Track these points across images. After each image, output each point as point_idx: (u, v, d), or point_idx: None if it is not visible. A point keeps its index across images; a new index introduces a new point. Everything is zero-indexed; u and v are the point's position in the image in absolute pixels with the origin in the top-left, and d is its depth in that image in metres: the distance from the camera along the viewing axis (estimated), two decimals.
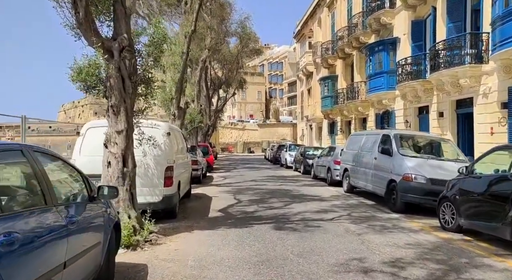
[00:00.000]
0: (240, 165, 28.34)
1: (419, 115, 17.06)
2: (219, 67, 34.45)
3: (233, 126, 72.19)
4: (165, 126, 8.12)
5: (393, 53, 18.76)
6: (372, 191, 10.82)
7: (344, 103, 25.40)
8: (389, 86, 18.78)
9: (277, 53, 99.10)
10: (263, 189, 13.70)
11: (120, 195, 6.21)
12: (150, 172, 7.68)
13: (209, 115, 29.38)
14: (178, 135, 9.80)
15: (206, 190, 13.40)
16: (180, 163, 9.16)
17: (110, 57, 6.20)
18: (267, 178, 18.30)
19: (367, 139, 11.93)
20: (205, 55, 19.77)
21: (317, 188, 14.30)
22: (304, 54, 36.42)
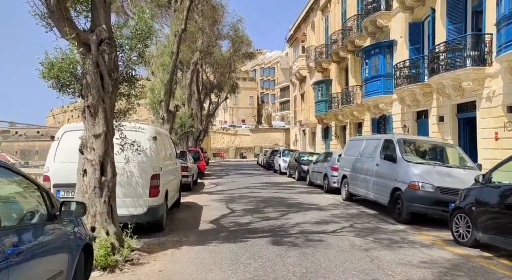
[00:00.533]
0: (232, 171, 27.59)
1: (417, 120, 16.53)
2: (211, 71, 33.80)
3: (225, 131, 71.47)
4: (151, 130, 7.38)
5: (390, 56, 18.26)
6: (374, 200, 10.16)
7: (338, 107, 24.85)
8: (386, 90, 18.27)
9: (269, 58, 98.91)
10: (257, 197, 12.98)
11: (97, 208, 5.48)
12: (133, 180, 6.92)
13: (200, 119, 28.64)
14: (166, 140, 9.06)
15: (197, 199, 12.64)
16: (168, 170, 8.41)
17: (87, 51, 5.46)
18: (261, 184, 17.58)
19: (367, 145, 11.31)
20: (197, 57, 19.09)
21: (313, 196, 13.61)
22: (297, 58, 35.94)
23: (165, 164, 8.12)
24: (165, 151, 8.56)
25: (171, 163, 9.07)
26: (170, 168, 8.87)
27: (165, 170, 7.92)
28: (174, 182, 9.37)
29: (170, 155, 9.26)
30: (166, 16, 21.27)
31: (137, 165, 6.92)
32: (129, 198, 6.83)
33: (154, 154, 7.18)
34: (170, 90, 12.48)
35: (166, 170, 8.09)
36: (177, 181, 10.06)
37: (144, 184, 6.96)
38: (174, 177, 9.50)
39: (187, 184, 14.61)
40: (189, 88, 19.44)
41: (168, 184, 8.34)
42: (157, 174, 7.15)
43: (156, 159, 7.24)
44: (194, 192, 14.64)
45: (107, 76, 5.58)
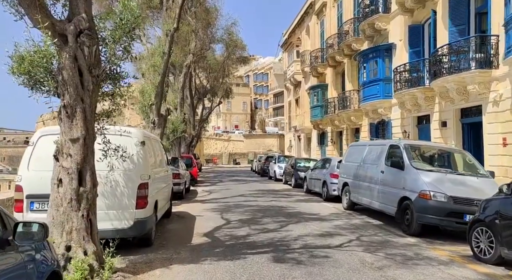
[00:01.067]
0: (226, 178, 26.84)
1: (418, 125, 15.99)
2: (204, 76, 33.17)
3: (218, 137, 70.67)
4: (138, 134, 6.67)
5: (389, 59, 17.78)
6: (379, 209, 9.52)
7: (335, 112, 24.32)
8: (385, 94, 17.75)
9: (262, 64, 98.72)
10: (253, 206, 12.28)
11: (73, 224, 4.76)
12: (118, 190, 6.20)
13: (193, 124, 27.92)
14: (156, 145, 8.35)
15: (190, 208, 11.90)
16: (158, 178, 7.70)
17: (63, 43, 4.77)
18: (256, 192, 16.88)
19: (370, 150, 10.69)
20: (190, 60, 18.43)
21: (312, 205, 12.95)
22: (292, 63, 35.45)
23: (155, 172, 7.42)
24: (155, 157, 7.85)
25: (161, 171, 8.36)
26: (160, 175, 8.17)
27: (154, 178, 7.21)
28: (164, 191, 8.65)
29: (160, 162, 8.55)
30: (159, 19, 20.67)
31: (122, 173, 6.21)
32: (113, 210, 6.11)
33: (141, 161, 6.47)
34: (161, 93, 11.79)
35: (155, 178, 7.39)
36: (168, 189, 9.34)
37: (130, 195, 6.24)
38: (165, 186, 8.79)
39: (179, 192, 13.89)
40: (182, 92, 18.75)
41: (158, 193, 7.63)
42: (145, 183, 6.43)
43: (144, 166, 6.53)
44: (186, 200, 13.90)
45: (86, 72, 4.89)
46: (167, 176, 9.24)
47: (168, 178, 9.58)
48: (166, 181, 9.09)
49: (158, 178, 7.76)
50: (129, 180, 6.26)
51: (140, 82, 13.12)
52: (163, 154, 9.25)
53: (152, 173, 7.02)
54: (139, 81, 12.75)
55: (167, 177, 9.24)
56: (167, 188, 9.24)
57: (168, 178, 9.45)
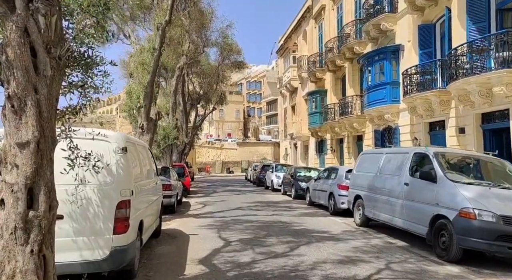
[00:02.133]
0: (220, 188, 25.38)
1: (430, 132, 14.82)
2: (197, 81, 31.88)
3: (210, 145, 69.18)
4: (119, 138, 5.30)
5: (396, 62, 16.68)
6: (403, 227, 8.21)
7: (335, 119, 23.14)
8: (393, 99, 16.61)
9: (256, 72, 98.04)
10: (253, 222, 10.90)
11: (17, 264, 3.36)
12: (91, 211, 4.81)
13: (185, 131, 26.52)
14: (143, 153, 6.96)
15: (182, 224, 10.49)
16: (144, 193, 6.32)
17: (9, 10, 3.42)
18: (254, 204, 15.49)
19: (388, 159, 9.42)
20: (183, 62, 17.14)
21: (319, 220, 11.61)
22: (288, 69, 34.34)
23: (140, 185, 6.03)
24: (141, 167, 6.47)
25: (149, 183, 6.97)
26: (148, 189, 6.78)
27: (139, 192, 5.83)
28: (152, 207, 7.25)
29: (148, 172, 7.16)
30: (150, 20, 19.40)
31: (96, 189, 4.84)
32: (83, 236, 4.72)
33: (122, 172, 5.09)
34: (151, 94, 10.43)
35: (141, 193, 6.01)
36: (157, 205, 7.93)
37: (106, 216, 4.86)
38: (153, 201, 7.39)
39: (170, 205, 12.46)
40: (174, 96, 17.41)
41: (144, 211, 6.24)
42: (126, 200, 5.05)
43: (126, 178, 5.15)
44: (178, 214, 12.46)
45: (42, 51, 3.52)
46: (156, 188, 7.85)
47: (158, 191, 8.18)
48: (155, 195, 7.69)
49: (144, 192, 6.37)
50: (105, 197, 4.88)
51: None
52: (152, 163, 7.87)
53: (136, 187, 5.64)
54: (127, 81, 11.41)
55: (156, 190, 7.84)
56: (156, 203, 7.83)
57: (157, 191, 8.05)
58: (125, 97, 11.24)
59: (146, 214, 6.48)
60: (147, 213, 6.55)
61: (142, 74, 10.81)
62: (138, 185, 5.80)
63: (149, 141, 10.81)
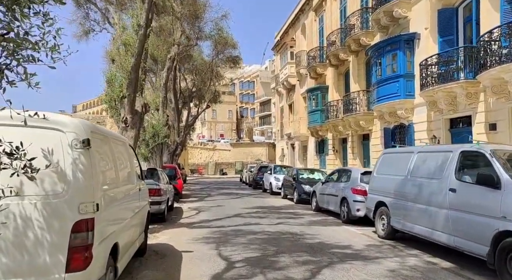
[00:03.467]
0: (214, 191, 23.66)
1: (452, 129, 13.30)
2: (190, 78, 30.12)
3: (202, 146, 67.34)
4: (78, 127, 3.59)
5: (411, 52, 15.16)
6: (449, 244, 6.60)
7: (338, 117, 21.59)
8: (407, 93, 15.08)
9: (249, 72, 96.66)
10: (258, 233, 9.23)
11: None
12: (30, 237, 3.12)
13: (177, 130, 24.75)
14: (120, 151, 5.25)
15: (173, 237, 8.78)
16: (121, 204, 4.64)
17: None
18: (255, 210, 13.83)
19: (423, 159, 7.82)
20: (174, 52, 15.45)
21: (334, 230, 9.98)
22: (286, 65, 32.73)
23: (114, 194, 4.35)
24: (117, 169, 4.76)
25: (128, 190, 5.27)
26: (126, 197, 5.09)
27: (112, 205, 4.14)
28: (134, 221, 5.55)
29: (128, 176, 5.46)
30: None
31: (40, 203, 3.15)
32: (17, 279, 3.01)
33: (82, 177, 3.40)
34: (135, 81, 8.72)
35: (115, 205, 4.32)
36: (140, 217, 6.22)
37: (55, 244, 3.18)
38: (136, 212, 5.70)
39: (159, 213, 10.75)
40: (165, 90, 15.69)
41: (121, 230, 4.55)
42: (87, 219, 3.37)
43: (87, 186, 3.46)
44: (169, 224, 10.75)
45: None
46: (139, 196, 6.14)
47: (142, 199, 6.47)
48: (138, 204, 6.00)
49: (121, 202, 4.69)
50: (54, 216, 3.20)
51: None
52: (134, 164, 6.15)
53: (107, 197, 3.95)
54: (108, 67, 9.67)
55: (139, 198, 6.14)
56: (140, 215, 6.13)
57: (141, 199, 6.34)
58: (106, 86, 9.54)
59: (124, 232, 4.79)
60: (125, 230, 4.86)
61: (124, 57, 9.11)
62: (109, 194, 4.11)
63: (134, 138, 9.11)
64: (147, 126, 14.91)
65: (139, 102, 9.41)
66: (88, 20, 18.42)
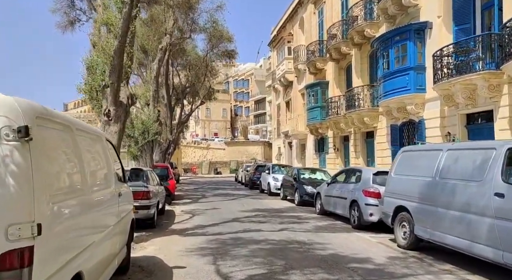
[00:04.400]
0: (209, 191, 22.45)
1: (468, 125, 12.25)
2: (183, 74, 28.85)
3: (196, 144, 66.04)
4: (11, 108, 2.38)
5: (421, 43, 14.09)
6: (496, 261, 5.49)
7: (340, 114, 20.51)
8: (417, 86, 14.01)
9: (243, 70, 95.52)
10: (261, 242, 8.07)
11: None
12: None
13: (170, 128, 23.49)
14: (89, 145, 4.03)
15: (163, 247, 7.60)
16: (84, 218, 3.43)
17: None
18: (254, 213, 12.67)
19: (454, 158, 6.71)
20: (166, 42, 14.23)
21: (346, 238, 8.85)
22: (283, 61, 31.56)
23: (73, 205, 3.14)
24: (81, 170, 3.53)
25: (100, 197, 4.07)
26: (94, 206, 3.89)
27: (69, 220, 2.95)
28: (110, 236, 4.34)
29: (102, 179, 4.27)
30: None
31: None
32: None
33: (15, 184, 2.21)
34: (119, 67, 7.49)
35: (75, 220, 3.12)
36: (119, 230, 5.00)
37: None
38: (113, 224, 4.50)
39: (148, 218, 9.54)
40: (156, 83, 14.46)
41: (88, 253, 3.35)
42: (21, 249, 2.17)
43: (21, 198, 2.26)
44: (159, 231, 9.54)
45: None
46: (119, 202, 4.94)
47: (123, 206, 5.27)
48: (117, 213, 4.80)
49: (87, 215, 3.48)
50: None
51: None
52: (112, 164, 4.94)
53: (60, 211, 2.75)
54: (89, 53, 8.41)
55: (119, 204, 4.94)
56: (120, 227, 4.94)
57: (121, 207, 5.14)
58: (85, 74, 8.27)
59: (95, 253, 3.59)
60: (96, 250, 3.66)
61: (106, 39, 7.88)
62: (65, 206, 2.91)
63: (118, 133, 7.90)
64: (136, 122, 13.68)
65: (124, 92, 8.19)
66: (73, 9, 17.13)
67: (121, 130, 8.08)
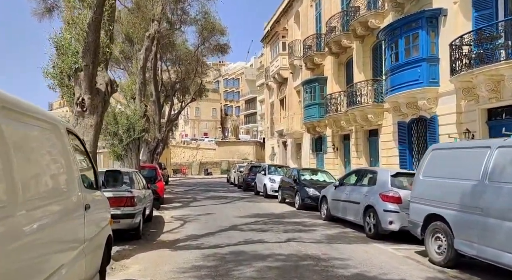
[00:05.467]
0: (200, 194, 21.02)
1: (489, 121, 11.10)
2: (173, 70, 27.35)
3: (186, 144, 64.41)
4: None
5: (435, 32, 12.93)
6: None
7: (340, 111, 19.31)
8: (430, 80, 12.83)
9: (233, 69, 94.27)
10: (267, 258, 6.74)
11: None
12: None
13: (158, 126, 22.00)
14: (34, 137, 2.66)
15: (149, 266, 6.21)
16: (15, 249, 2.05)
17: None
18: (253, 219, 11.32)
19: (508, 156, 5.48)
20: (154, 29, 12.80)
21: (365, 250, 7.57)
22: (277, 57, 30.28)
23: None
24: (7, 174, 2.17)
25: (48, 213, 2.70)
26: (34, 229, 2.52)
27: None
28: (71, 266, 2.96)
29: (57, 187, 2.90)
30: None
31: None
32: None
33: None
34: (96, 46, 6.07)
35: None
36: (88, 254, 3.61)
37: None
38: (78, 248, 3.13)
39: (132, 228, 8.14)
40: (142, 74, 13.02)
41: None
42: None
43: None
44: (145, 242, 8.14)
45: None
46: (85, 217, 3.56)
47: (95, 219, 3.90)
48: (82, 232, 3.42)
49: (19, 244, 2.11)
50: None
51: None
52: (72, 164, 3.53)
53: None
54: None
55: (86, 219, 3.56)
56: (89, 250, 3.56)
57: (92, 221, 3.76)
58: (55, 55, 6.82)
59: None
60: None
61: (79, 10, 6.42)
62: None
63: (95, 127, 6.48)
64: (120, 118, 12.23)
65: (102, 78, 6.77)
66: None
67: (98, 124, 6.65)
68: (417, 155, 14.24)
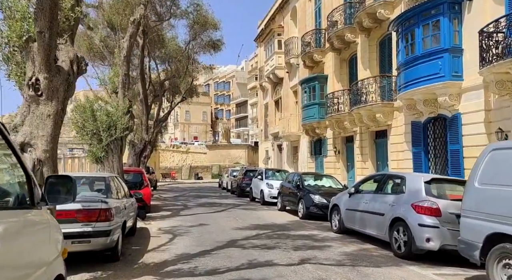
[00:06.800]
0: (192, 200, 19.27)
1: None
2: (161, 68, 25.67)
3: (175, 148, 62.43)
4: None
5: (458, 20, 11.55)
6: None
7: (343, 110, 17.87)
8: (453, 73, 11.42)
9: (224, 73, 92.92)
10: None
11: None
12: None
13: (146, 127, 20.28)
14: None
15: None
16: None
17: None
18: (254, 232, 9.67)
19: None
20: (140, 13, 11.16)
21: (402, 276, 5.99)
22: (272, 56, 28.79)
23: None
24: None
25: None
26: None
27: None
28: None
29: None
30: None
31: None
32: None
33: None
34: (54, 8, 4.38)
35: None
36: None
37: None
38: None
39: (108, 249, 6.44)
40: (126, 65, 11.34)
41: None
42: None
43: None
44: (123, 266, 6.43)
45: None
46: (6, 256, 1.92)
47: (19, 264, 2.25)
48: None
49: None
50: None
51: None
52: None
53: None
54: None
55: (8, 263, 1.93)
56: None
57: (17, 266, 2.12)
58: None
59: None
60: None
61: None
62: None
63: (54, 118, 4.78)
64: (100, 114, 10.52)
65: (66, 53, 5.11)
66: None
67: (59, 113, 4.94)
68: (434, 158, 12.82)
